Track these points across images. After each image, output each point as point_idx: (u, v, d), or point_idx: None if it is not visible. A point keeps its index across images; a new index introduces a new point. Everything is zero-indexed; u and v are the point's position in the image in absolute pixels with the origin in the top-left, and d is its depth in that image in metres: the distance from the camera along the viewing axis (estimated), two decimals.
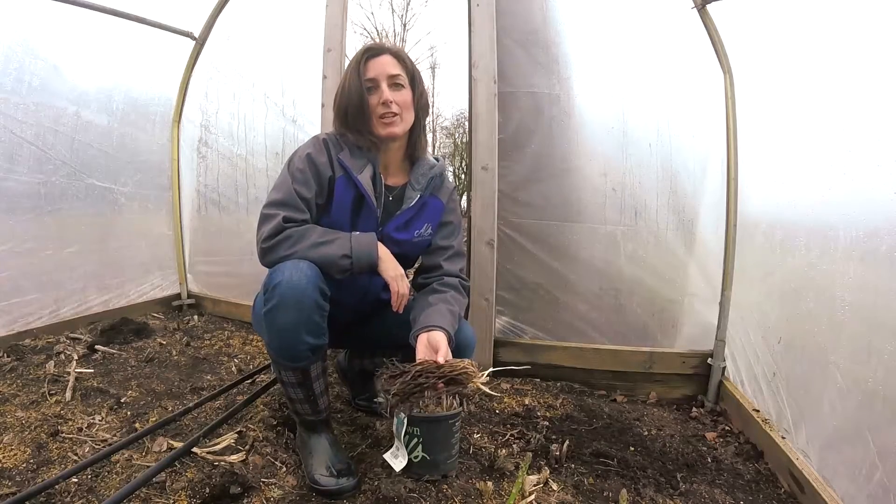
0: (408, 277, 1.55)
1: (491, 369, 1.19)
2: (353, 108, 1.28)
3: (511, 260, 2.13)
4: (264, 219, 1.25)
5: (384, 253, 1.28)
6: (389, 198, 1.38)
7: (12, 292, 2.21)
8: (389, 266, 1.28)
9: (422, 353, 1.20)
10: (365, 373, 1.71)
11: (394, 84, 1.29)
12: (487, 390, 1.17)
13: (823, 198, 1.38)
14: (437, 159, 1.46)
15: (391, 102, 1.27)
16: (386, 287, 1.40)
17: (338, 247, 1.21)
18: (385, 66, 1.28)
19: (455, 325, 1.30)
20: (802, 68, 1.51)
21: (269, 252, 1.22)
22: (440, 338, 1.21)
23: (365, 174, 1.30)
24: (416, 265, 1.54)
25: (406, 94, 1.30)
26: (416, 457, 1.28)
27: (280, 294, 1.14)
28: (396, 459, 1.30)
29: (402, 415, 1.27)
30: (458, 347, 1.31)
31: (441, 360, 1.16)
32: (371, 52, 1.29)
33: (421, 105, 1.35)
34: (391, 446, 1.35)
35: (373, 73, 1.28)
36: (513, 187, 2.10)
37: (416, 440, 1.27)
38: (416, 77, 1.33)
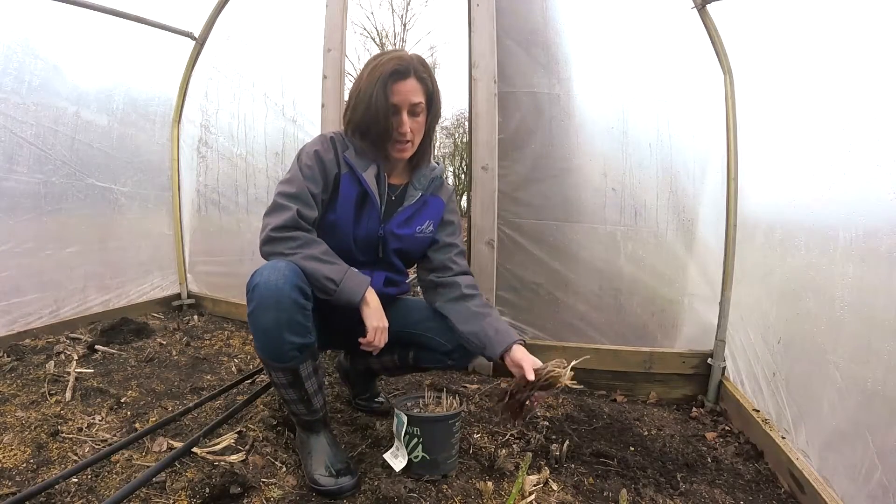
0: (408, 276, 1.56)
1: (574, 362, 1.24)
2: (380, 129, 1.27)
3: (511, 260, 2.13)
4: (278, 207, 1.26)
5: (373, 300, 1.28)
6: (392, 197, 1.41)
7: (12, 292, 2.21)
8: (374, 315, 1.27)
9: (516, 371, 1.27)
10: (369, 372, 1.71)
11: (413, 112, 1.30)
12: (574, 386, 1.24)
13: (823, 197, 1.38)
14: (437, 163, 1.49)
15: (408, 132, 1.29)
16: (388, 282, 1.44)
17: (331, 270, 1.23)
18: (409, 93, 1.27)
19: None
20: (802, 68, 1.52)
21: (273, 242, 1.24)
22: (521, 354, 1.26)
23: (370, 172, 1.33)
24: (421, 264, 1.55)
25: (422, 119, 1.32)
26: (416, 457, 1.28)
27: (259, 295, 1.16)
28: (396, 459, 1.30)
29: (402, 415, 1.27)
30: (469, 351, 1.40)
31: (530, 375, 1.21)
32: (398, 75, 1.25)
33: (431, 122, 1.37)
34: (391, 446, 1.36)
35: (397, 98, 1.26)
36: (513, 187, 2.10)
37: (416, 440, 1.27)
38: (434, 97, 1.33)
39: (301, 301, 1.18)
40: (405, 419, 1.27)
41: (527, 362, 1.23)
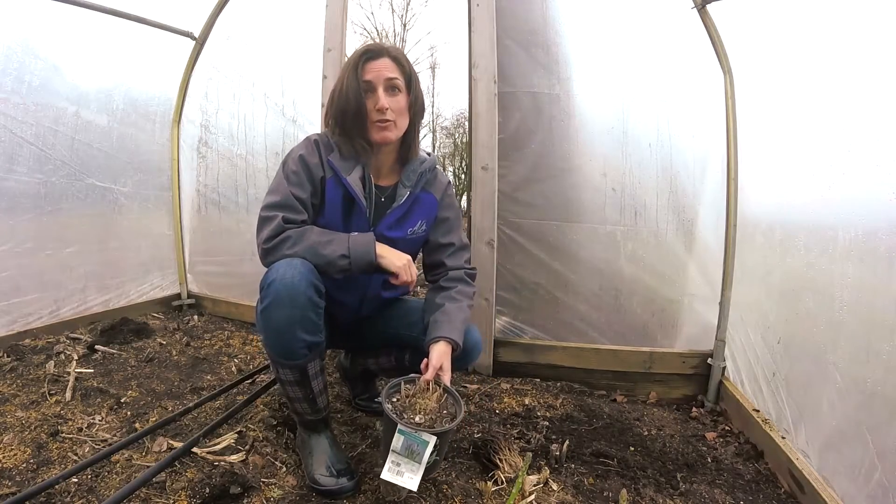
0: None
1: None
2: (351, 111, 1.25)
3: (511, 260, 2.13)
4: (263, 221, 1.25)
5: (383, 249, 1.27)
6: (382, 198, 1.36)
7: (12, 292, 2.21)
8: (392, 258, 1.27)
9: (430, 368, 1.24)
10: (367, 373, 1.71)
11: (390, 88, 1.26)
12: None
13: (823, 198, 1.38)
14: (428, 154, 1.43)
15: (386, 109, 1.25)
16: (386, 285, 1.41)
17: (336, 246, 1.22)
18: (383, 69, 1.25)
19: (463, 323, 1.32)
20: (802, 68, 1.52)
21: (270, 253, 1.23)
22: (442, 354, 1.25)
23: (354, 175, 1.29)
24: (424, 264, 1.53)
25: (402, 100, 1.28)
26: (429, 462, 1.25)
27: (274, 292, 1.15)
28: (403, 477, 1.12)
29: (425, 435, 1.11)
30: (465, 351, 1.33)
31: (426, 373, 1.21)
32: (370, 54, 1.26)
33: (416, 109, 1.33)
34: (387, 461, 1.13)
35: (370, 75, 1.25)
36: (513, 187, 2.10)
37: (433, 449, 1.22)
38: (413, 80, 1.30)
39: (315, 299, 1.18)
40: (432, 440, 1.10)
41: (434, 363, 1.23)
